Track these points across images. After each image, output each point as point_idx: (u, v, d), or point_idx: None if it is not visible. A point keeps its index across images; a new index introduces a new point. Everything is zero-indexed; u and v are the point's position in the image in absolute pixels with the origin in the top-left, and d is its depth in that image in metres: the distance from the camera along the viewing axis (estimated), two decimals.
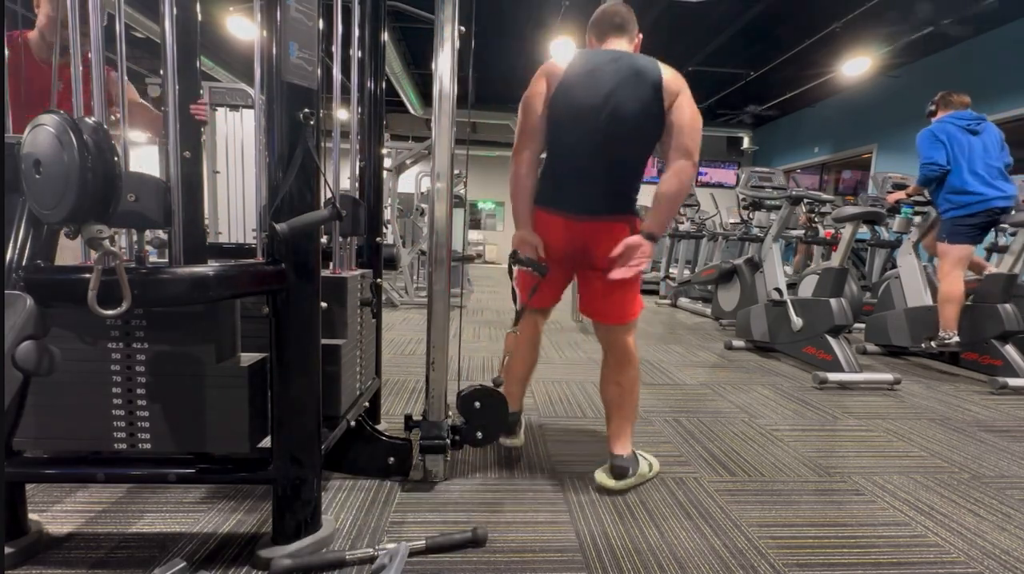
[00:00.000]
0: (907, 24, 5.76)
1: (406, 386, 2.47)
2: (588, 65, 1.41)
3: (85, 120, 0.76)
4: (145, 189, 1.02)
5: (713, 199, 6.04)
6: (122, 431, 1.11)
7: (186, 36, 1.17)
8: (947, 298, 2.97)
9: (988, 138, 3.00)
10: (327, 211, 1.10)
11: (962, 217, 2.93)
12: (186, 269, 1.00)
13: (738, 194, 4.19)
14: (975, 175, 2.90)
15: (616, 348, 1.57)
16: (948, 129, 2.99)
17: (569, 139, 1.43)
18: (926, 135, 3.06)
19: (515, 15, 6.05)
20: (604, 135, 1.39)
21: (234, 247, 1.82)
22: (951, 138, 2.97)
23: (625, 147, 1.43)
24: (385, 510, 1.36)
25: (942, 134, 2.99)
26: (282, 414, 1.11)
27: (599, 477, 1.53)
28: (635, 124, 1.39)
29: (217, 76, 6.94)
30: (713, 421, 2.13)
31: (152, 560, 1.13)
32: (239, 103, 3.12)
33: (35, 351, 0.67)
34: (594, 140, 1.40)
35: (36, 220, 0.96)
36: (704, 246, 5.83)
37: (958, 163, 2.95)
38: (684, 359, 3.25)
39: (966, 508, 1.49)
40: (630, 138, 1.42)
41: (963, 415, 2.33)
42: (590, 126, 1.39)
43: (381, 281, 1.71)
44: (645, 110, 1.38)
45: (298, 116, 1.04)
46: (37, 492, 1.38)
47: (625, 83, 1.37)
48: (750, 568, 1.18)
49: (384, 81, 1.75)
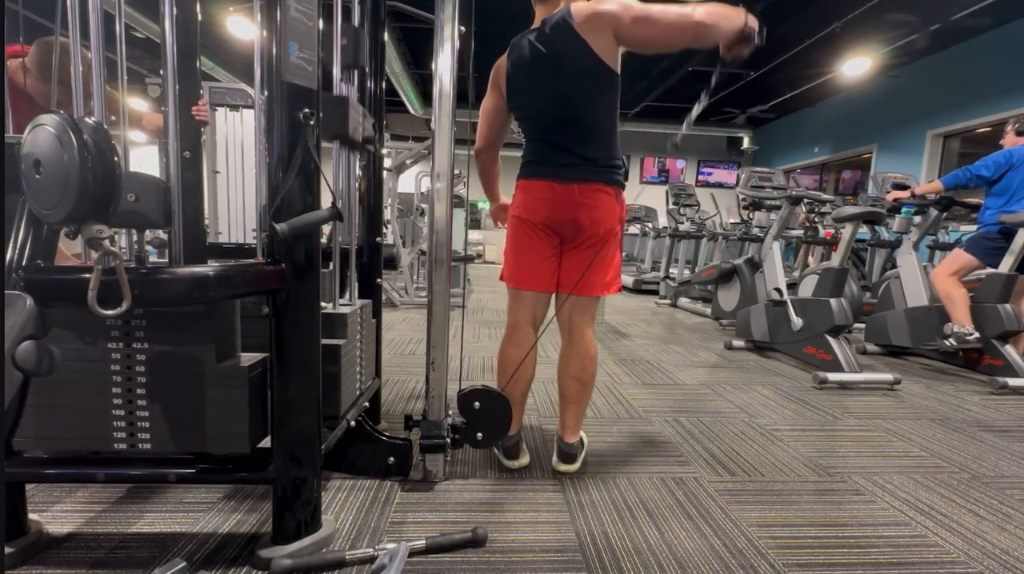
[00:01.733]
0: (907, 24, 5.76)
1: (406, 386, 2.47)
2: (517, 49, 1.50)
3: (85, 120, 0.76)
4: (145, 189, 1.02)
5: (713, 199, 6.04)
6: (122, 431, 1.11)
7: (186, 36, 1.17)
8: (950, 297, 3.00)
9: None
10: (327, 211, 1.10)
11: (995, 235, 2.97)
12: (186, 269, 1.00)
13: (738, 194, 4.19)
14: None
15: (580, 339, 1.57)
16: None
17: (531, 121, 1.53)
18: (1004, 153, 3.07)
19: (515, 15, 6.04)
20: (553, 107, 1.45)
21: (234, 247, 1.82)
22: (1020, 164, 2.97)
23: (575, 108, 1.44)
24: (385, 510, 1.36)
25: (1016, 159, 3.00)
26: (282, 414, 1.11)
27: (554, 463, 1.63)
28: (572, 83, 1.42)
29: (217, 76, 6.94)
30: (713, 421, 2.13)
31: (152, 560, 1.13)
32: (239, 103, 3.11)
33: (35, 351, 0.67)
34: (547, 115, 1.48)
35: (36, 220, 0.96)
36: (704, 246, 5.83)
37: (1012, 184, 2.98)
38: (684, 359, 3.25)
39: (966, 508, 1.49)
40: (574, 99, 1.43)
41: (963, 415, 2.33)
42: (539, 103, 1.48)
43: (381, 281, 1.70)
44: (572, 65, 1.40)
45: (298, 116, 1.04)
46: (37, 492, 1.38)
47: (548, 48, 1.41)
48: (750, 568, 1.18)
49: (384, 81, 1.75)
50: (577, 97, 1.42)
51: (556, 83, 1.42)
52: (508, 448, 1.62)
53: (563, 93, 1.43)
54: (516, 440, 1.62)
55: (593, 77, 1.40)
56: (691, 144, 11.69)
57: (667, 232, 6.11)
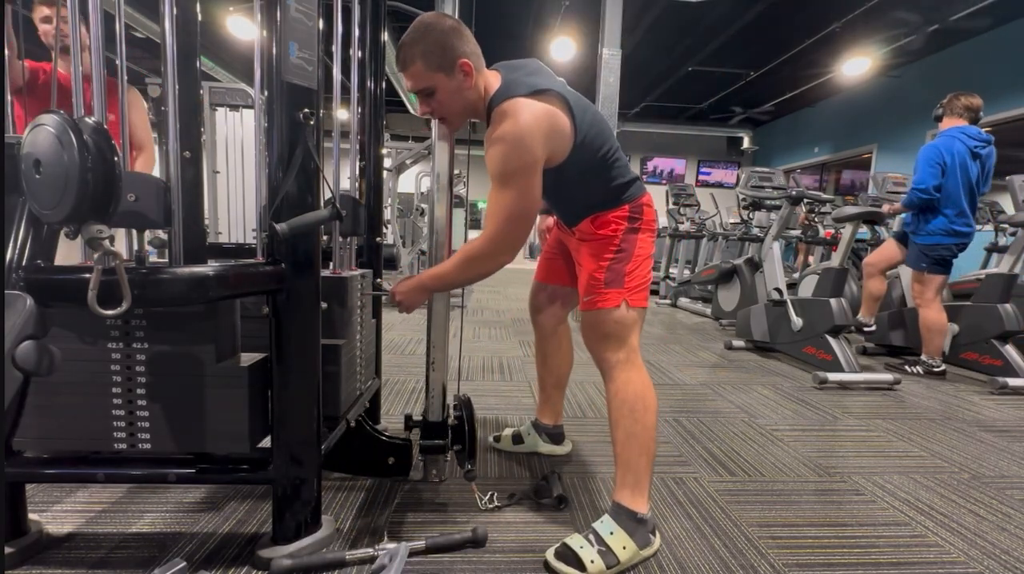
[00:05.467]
0: (907, 24, 5.76)
1: (406, 386, 2.47)
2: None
3: (85, 120, 0.76)
4: (145, 189, 1.02)
5: (713, 199, 6.04)
6: (122, 431, 1.11)
7: (186, 36, 1.17)
8: (933, 328, 2.92)
9: (986, 165, 2.82)
10: (327, 211, 1.10)
11: (942, 246, 2.84)
12: (186, 269, 1.00)
13: (738, 194, 4.19)
14: (963, 214, 2.81)
15: (600, 366, 1.30)
16: (957, 150, 2.75)
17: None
18: (931, 151, 2.80)
19: (515, 15, 6.04)
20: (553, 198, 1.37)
21: (234, 247, 1.82)
22: (956, 161, 2.75)
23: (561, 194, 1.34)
24: (385, 510, 1.36)
25: (948, 154, 2.76)
26: (282, 414, 1.11)
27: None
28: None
29: (217, 76, 6.94)
30: (713, 421, 2.13)
31: (152, 560, 1.13)
32: (239, 103, 3.12)
33: (35, 351, 0.67)
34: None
35: (36, 220, 0.96)
36: (704, 246, 5.83)
37: (956, 193, 2.78)
38: (684, 359, 3.25)
39: (966, 508, 1.49)
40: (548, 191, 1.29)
41: (963, 415, 2.33)
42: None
43: (381, 280, 1.70)
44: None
45: (298, 116, 1.04)
46: (37, 492, 1.38)
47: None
48: (750, 568, 1.18)
49: (384, 81, 1.75)
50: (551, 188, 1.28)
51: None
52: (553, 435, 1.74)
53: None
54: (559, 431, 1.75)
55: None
56: (691, 144, 11.69)
57: (667, 232, 6.11)
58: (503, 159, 1.11)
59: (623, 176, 1.30)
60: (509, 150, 1.11)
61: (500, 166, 1.12)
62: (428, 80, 1.17)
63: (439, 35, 1.15)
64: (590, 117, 1.23)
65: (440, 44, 1.15)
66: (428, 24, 1.16)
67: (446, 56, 1.15)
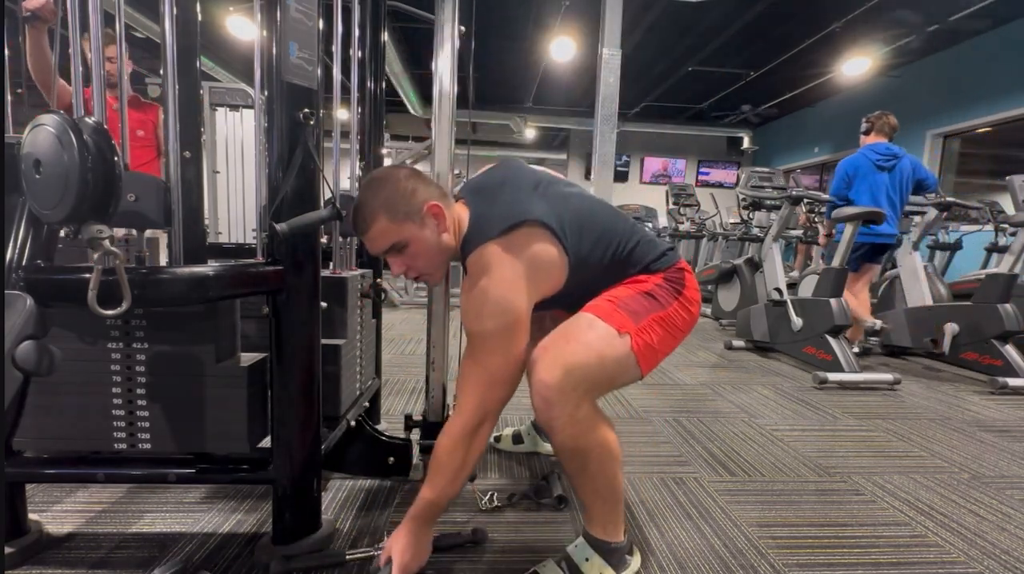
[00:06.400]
0: (907, 24, 5.75)
1: (406, 386, 2.47)
2: None
3: (85, 120, 0.76)
4: (145, 189, 1.02)
5: (713, 199, 6.04)
6: (122, 431, 1.11)
7: (186, 36, 1.17)
8: (857, 315, 3.17)
9: (903, 175, 3.20)
10: (327, 211, 1.10)
11: (856, 245, 3.11)
12: (186, 269, 1.00)
13: (738, 194, 4.19)
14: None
15: (540, 395, 0.98)
16: (860, 163, 3.19)
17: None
18: (840, 166, 3.25)
19: (515, 15, 6.04)
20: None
21: (234, 247, 1.82)
22: (859, 173, 3.17)
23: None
24: (385, 510, 1.36)
25: (852, 168, 3.20)
26: (282, 414, 1.11)
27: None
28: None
29: (217, 76, 6.93)
30: (713, 421, 2.13)
31: (152, 560, 1.13)
32: (239, 103, 3.12)
33: (35, 351, 0.67)
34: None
35: (36, 220, 0.96)
36: (704, 246, 5.83)
37: (860, 201, 3.16)
38: (684, 359, 3.25)
39: (966, 508, 1.49)
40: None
41: (963, 415, 2.33)
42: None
43: (381, 280, 1.71)
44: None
45: (298, 116, 1.04)
46: (37, 492, 1.38)
47: None
48: (750, 568, 1.18)
49: (384, 81, 1.75)
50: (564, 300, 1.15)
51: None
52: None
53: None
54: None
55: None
56: (691, 144, 11.68)
57: (667, 232, 6.11)
58: (481, 320, 0.99)
59: (648, 254, 1.13)
60: (488, 310, 0.99)
61: (478, 326, 1.00)
62: (395, 234, 1.04)
63: (396, 182, 1.05)
64: (579, 225, 1.09)
65: (401, 191, 1.04)
66: (382, 176, 1.07)
67: (412, 202, 1.03)
